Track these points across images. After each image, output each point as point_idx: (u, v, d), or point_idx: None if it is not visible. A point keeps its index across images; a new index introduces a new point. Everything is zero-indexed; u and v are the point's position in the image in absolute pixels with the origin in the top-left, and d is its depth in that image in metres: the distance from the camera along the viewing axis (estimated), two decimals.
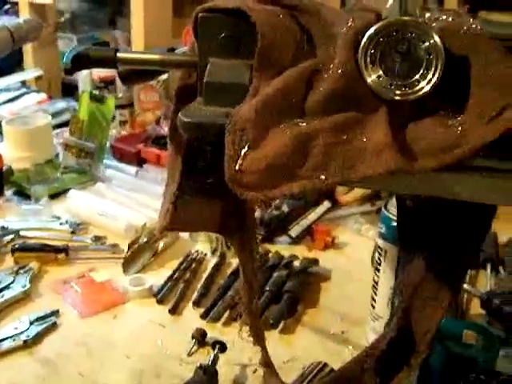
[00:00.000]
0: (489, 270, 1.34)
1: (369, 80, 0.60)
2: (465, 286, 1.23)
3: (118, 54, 0.74)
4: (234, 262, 1.36)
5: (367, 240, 1.46)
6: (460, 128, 0.59)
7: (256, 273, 0.91)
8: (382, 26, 0.60)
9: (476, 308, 1.21)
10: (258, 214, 1.40)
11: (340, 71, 0.61)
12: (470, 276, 1.30)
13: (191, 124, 0.64)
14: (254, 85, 0.65)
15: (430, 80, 0.59)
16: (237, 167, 0.60)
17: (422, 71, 0.59)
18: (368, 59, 0.60)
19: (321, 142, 0.60)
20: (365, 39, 0.60)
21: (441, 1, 2.56)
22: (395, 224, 1.00)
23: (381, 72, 0.60)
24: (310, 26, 0.68)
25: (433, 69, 0.59)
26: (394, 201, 1.02)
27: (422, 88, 0.59)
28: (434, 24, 0.62)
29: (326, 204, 1.52)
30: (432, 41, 0.59)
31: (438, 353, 0.91)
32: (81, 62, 0.75)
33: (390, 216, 1.02)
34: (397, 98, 0.60)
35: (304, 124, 0.61)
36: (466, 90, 0.60)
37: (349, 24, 0.63)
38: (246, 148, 0.60)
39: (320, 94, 0.62)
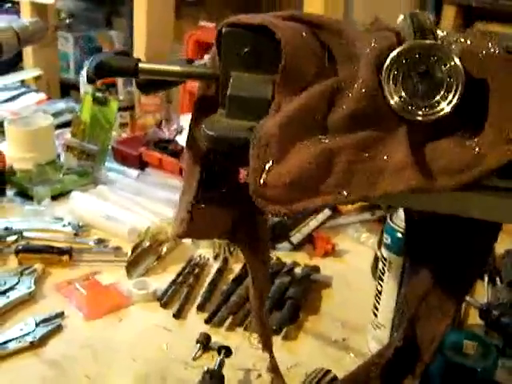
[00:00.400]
0: (486, 280, 1.36)
1: (391, 101, 0.62)
2: None
3: (140, 65, 0.76)
4: (237, 267, 1.38)
5: (367, 249, 1.48)
6: (477, 148, 0.62)
7: (267, 280, 0.93)
8: (405, 48, 0.62)
9: (473, 318, 1.23)
10: None
11: (363, 91, 0.63)
12: None
13: (215, 137, 0.66)
14: (276, 100, 0.67)
15: (451, 101, 0.61)
16: (261, 181, 0.62)
17: (442, 93, 0.61)
18: (391, 80, 0.62)
19: (343, 159, 0.62)
20: (388, 61, 0.62)
21: (438, 11, 2.60)
22: (400, 235, 1.03)
23: (403, 93, 0.62)
24: (332, 45, 0.70)
25: (453, 90, 0.61)
26: (399, 213, 1.04)
27: (443, 109, 0.61)
28: (453, 46, 0.64)
29: (327, 212, 1.54)
30: (453, 63, 0.61)
31: (437, 362, 0.93)
32: (103, 70, 0.77)
33: (396, 227, 1.04)
34: (419, 118, 0.62)
35: (327, 141, 0.63)
36: (483, 112, 0.62)
37: (372, 45, 0.65)
38: (271, 163, 0.62)
39: (343, 113, 0.64)
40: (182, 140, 1.86)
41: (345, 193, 0.61)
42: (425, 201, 0.64)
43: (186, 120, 1.99)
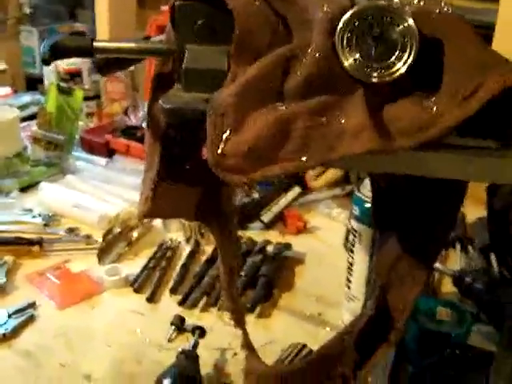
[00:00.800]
0: (458, 249, 1.37)
1: (346, 64, 0.62)
2: (436, 264, 1.26)
3: (95, 43, 0.75)
4: (208, 249, 1.37)
5: (338, 224, 1.48)
6: (435, 108, 0.61)
7: (236, 256, 0.92)
8: (358, 10, 0.62)
9: (447, 286, 1.23)
10: None
11: (317, 56, 0.62)
12: (440, 255, 1.33)
13: (172, 110, 0.66)
14: (231, 70, 0.66)
15: (406, 61, 0.61)
16: (219, 151, 0.61)
17: (397, 53, 0.61)
18: (344, 43, 0.62)
19: (300, 125, 0.61)
20: (341, 24, 0.62)
21: None
22: (368, 206, 1.03)
23: (357, 55, 0.62)
24: (285, 12, 0.69)
25: (408, 50, 0.61)
26: (366, 183, 1.04)
27: (398, 69, 0.61)
28: (406, 8, 0.63)
29: (297, 189, 1.54)
30: (406, 24, 0.61)
31: (412, 329, 0.94)
32: (58, 51, 0.75)
33: (363, 198, 1.04)
34: (374, 80, 0.61)
35: (283, 108, 0.63)
36: (439, 72, 0.62)
37: (324, 9, 0.64)
38: (228, 132, 0.61)
39: (298, 79, 0.63)
40: None
41: (304, 158, 0.61)
42: (387, 163, 0.64)
43: None
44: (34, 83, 3.00)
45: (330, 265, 1.33)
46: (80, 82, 2.13)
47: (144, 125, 1.83)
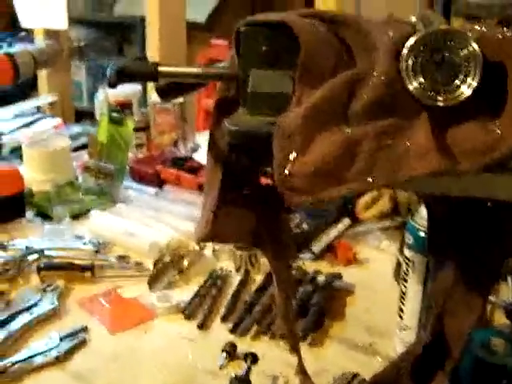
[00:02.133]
0: (510, 281, 1.36)
1: (411, 87, 0.63)
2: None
3: (159, 68, 0.77)
4: (258, 278, 1.38)
5: (388, 255, 1.48)
6: (498, 131, 0.62)
7: (291, 281, 0.93)
8: (422, 35, 0.63)
9: (499, 318, 1.22)
10: None
11: (382, 79, 0.64)
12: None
13: (239, 132, 0.67)
14: (297, 94, 0.68)
15: (470, 85, 0.61)
16: (286, 172, 0.62)
17: (461, 77, 0.62)
18: (409, 67, 0.63)
19: (367, 147, 0.62)
20: (406, 49, 0.63)
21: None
22: (423, 234, 1.03)
23: (422, 79, 0.63)
24: (349, 38, 0.70)
25: (472, 74, 0.61)
26: (420, 211, 1.04)
27: (463, 93, 0.61)
28: (469, 33, 0.64)
29: (346, 221, 1.54)
30: (470, 48, 0.61)
31: (466, 360, 0.93)
32: (124, 75, 0.77)
33: (417, 226, 1.04)
34: (439, 103, 0.62)
35: (348, 130, 0.64)
36: (503, 95, 0.63)
37: (389, 34, 0.65)
38: (295, 153, 0.63)
39: (364, 102, 0.64)
40: (198, 157, 1.87)
41: (370, 179, 0.62)
42: (450, 185, 0.65)
43: (201, 138, 2.01)
44: (80, 116, 3.06)
45: (380, 295, 1.32)
46: (130, 113, 2.17)
47: (194, 156, 1.86)
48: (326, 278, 1.35)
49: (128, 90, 2.18)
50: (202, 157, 1.85)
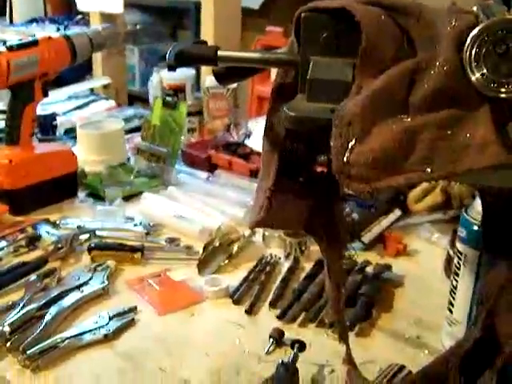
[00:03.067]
0: None
1: (473, 78, 0.62)
2: None
3: (219, 52, 0.77)
4: (308, 266, 1.37)
5: (438, 248, 1.46)
6: None
7: (343, 271, 0.92)
8: (486, 25, 0.62)
9: None
10: None
11: (445, 69, 0.63)
12: None
13: (297, 118, 0.67)
14: (357, 82, 0.67)
15: None
16: (344, 159, 0.62)
17: None
18: (472, 58, 0.62)
19: (426, 137, 0.62)
20: (469, 39, 0.62)
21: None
22: (476, 228, 1.01)
23: (485, 70, 0.62)
24: (410, 27, 0.70)
25: None
26: (475, 205, 1.03)
27: None
28: None
29: (397, 212, 1.53)
30: None
31: None
32: (183, 58, 0.78)
33: (471, 220, 1.03)
34: (502, 95, 0.61)
35: (409, 120, 0.63)
36: None
37: (453, 24, 0.64)
38: (354, 141, 0.62)
39: (425, 91, 0.63)
40: (251, 143, 1.87)
41: (428, 170, 0.61)
42: (509, 178, 0.64)
43: (254, 124, 2.01)
44: (132, 100, 3.08)
45: (430, 288, 1.31)
46: (183, 97, 2.18)
47: (246, 142, 1.86)
48: (376, 268, 1.34)
49: (182, 74, 2.19)
50: (254, 143, 1.85)
